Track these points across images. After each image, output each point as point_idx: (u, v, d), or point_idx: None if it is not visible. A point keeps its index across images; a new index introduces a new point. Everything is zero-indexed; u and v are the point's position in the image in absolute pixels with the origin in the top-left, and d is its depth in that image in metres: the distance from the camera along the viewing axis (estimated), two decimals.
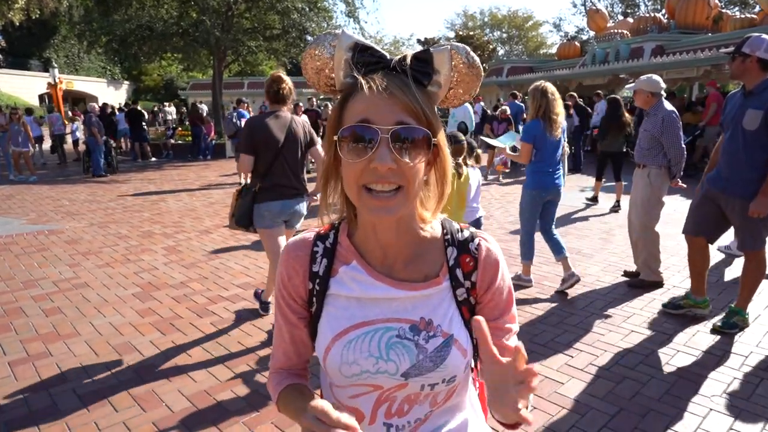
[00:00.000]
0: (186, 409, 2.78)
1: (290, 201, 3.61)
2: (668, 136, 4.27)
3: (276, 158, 3.51)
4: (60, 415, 2.73)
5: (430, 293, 0.90)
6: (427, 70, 0.82)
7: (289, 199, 3.60)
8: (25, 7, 20.08)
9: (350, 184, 0.82)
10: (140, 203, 8.84)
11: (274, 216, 3.57)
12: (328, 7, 18.05)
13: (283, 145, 3.52)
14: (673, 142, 4.27)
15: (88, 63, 39.44)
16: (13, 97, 27.90)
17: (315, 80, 0.88)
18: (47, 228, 7.00)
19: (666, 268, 5.03)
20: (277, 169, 3.53)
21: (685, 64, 12.86)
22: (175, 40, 17.11)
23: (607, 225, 6.84)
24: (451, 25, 53.10)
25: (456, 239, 0.94)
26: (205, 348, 3.50)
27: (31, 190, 10.28)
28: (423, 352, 0.88)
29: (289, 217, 3.67)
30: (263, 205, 3.54)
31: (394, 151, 0.78)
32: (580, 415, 2.67)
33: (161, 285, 4.73)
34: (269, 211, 3.54)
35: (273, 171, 3.53)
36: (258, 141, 3.46)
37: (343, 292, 0.91)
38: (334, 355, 0.89)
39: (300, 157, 3.65)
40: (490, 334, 0.92)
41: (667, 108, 4.31)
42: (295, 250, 0.95)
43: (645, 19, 17.99)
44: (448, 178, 0.89)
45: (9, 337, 3.67)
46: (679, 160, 4.32)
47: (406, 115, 0.79)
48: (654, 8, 34.80)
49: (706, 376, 3.04)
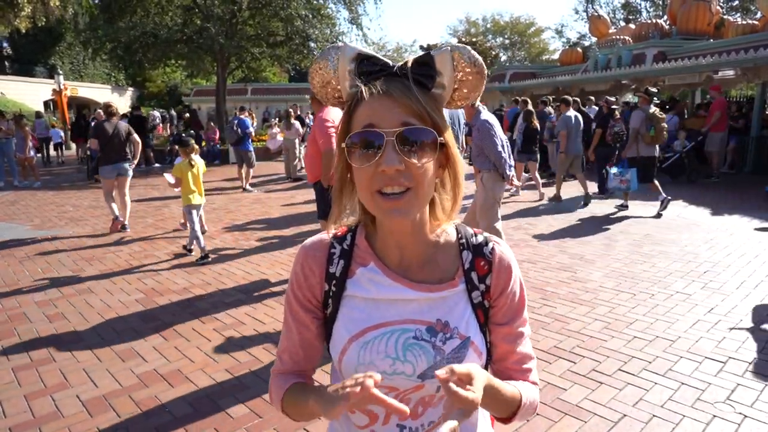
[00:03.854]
0: (188, 414, 2.78)
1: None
2: (486, 142, 4.79)
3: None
4: (63, 420, 2.73)
5: (446, 295, 0.91)
6: (429, 72, 0.83)
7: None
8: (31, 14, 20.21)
9: (364, 191, 0.83)
10: (143, 209, 8.87)
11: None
12: (332, 14, 18.11)
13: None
14: (489, 146, 4.78)
15: (93, 70, 39.61)
16: (18, 104, 28.06)
17: (323, 93, 0.90)
18: (51, 233, 7.03)
19: (669, 273, 5.02)
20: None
21: (686, 70, 12.84)
22: (179, 47, 17.19)
23: (609, 231, 6.83)
24: (453, 31, 53.14)
25: (471, 243, 0.95)
26: (207, 353, 3.50)
27: (35, 196, 10.33)
28: (440, 353, 0.88)
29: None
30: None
31: (400, 153, 0.79)
32: (583, 422, 2.67)
33: (164, 290, 4.74)
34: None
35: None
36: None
37: (360, 293, 0.92)
38: (351, 356, 0.90)
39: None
40: (504, 338, 0.96)
41: (481, 118, 4.81)
42: (313, 250, 0.96)
43: (647, 25, 17.99)
44: (460, 180, 0.90)
45: (13, 343, 3.68)
46: (499, 162, 4.80)
47: (410, 116, 0.80)
48: (656, 14, 34.85)
49: (709, 383, 3.03)
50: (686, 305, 4.23)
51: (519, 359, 0.97)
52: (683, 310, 4.12)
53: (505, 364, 0.97)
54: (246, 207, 9.00)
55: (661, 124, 7.62)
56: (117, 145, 6.92)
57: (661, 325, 3.87)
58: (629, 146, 7.94)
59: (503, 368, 0.98)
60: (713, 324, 3.86)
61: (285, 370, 1.01)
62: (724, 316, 4.00)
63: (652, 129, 7.57)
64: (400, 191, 0.81)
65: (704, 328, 3.78)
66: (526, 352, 0.98)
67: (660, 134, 7.66)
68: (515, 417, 0.93)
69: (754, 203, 8.50)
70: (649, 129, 7.59)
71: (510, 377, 0.97)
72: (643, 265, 5.31)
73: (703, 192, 9.73)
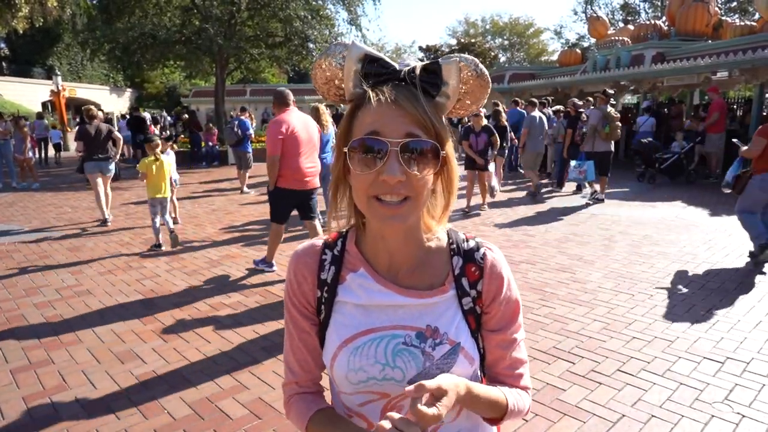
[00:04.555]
0: (188, 416, 2.78)
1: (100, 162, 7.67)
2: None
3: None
4: (62, 422, 2.73)
5: (436, 301, 0.91)
6: (435, 81, 0.83)
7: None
8: (28, 15, 20.18)
9: (359, 195, 0.83)
10: (143, 210, 8.86)
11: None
12: (331, 15, 18.14)
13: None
14: None
15: (91, 71, 39.56)
16: (16, 105, 28.02)
17: (324, 90, 0.89)
18: (50, 235, 7.02)
19: (668, 274, 5.03)
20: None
21: (685, 70, 12.85)
22: (177, 48, 17.20)
23: (608, 232, 6.83)
24: (452, 32, 53.23)
25: (461, 249, 0.95)
26: (207, 355, 3.50)
27: (33, 197, 10.31)
28: (429, 359, 0.88)
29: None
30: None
31: (403, 164, 0.79)
32: (582, 422, 2.67)
33: (163, 292, 4.74)
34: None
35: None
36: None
37: (350, 299, 0.92)
38: (341, 362, 0.90)
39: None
40: (497, 345, 0.96)
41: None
42: (304, 257, 0.96)
43: (645, 26, 18.02)
44: (454, 187, 0.90)
45: (11, 345, 3.68)
46: None
47: (415, 127, 0.80)
48: (654, 15, 34.90)
49: (707, 383, 3.04)
50: (684, 306, 4.24)
51: (510, 364, 0.96)
52: (681, 311, 4.13)
53: (496, 369, 0.97)
54: (245, 208, 9.00)
55: (615, 123, 8.43)
56: (99, 144, 7.76)
57: (659, 325, 3.87)
58: (587, 141, 8.82)
59: (494, 373, 0.98)
60: (711, 324, 3.86)
61: (299, 382, 1.00)
62: (722, 316, 4.01)
63: (607, 126, 8.43)
64: (399, 200, 0.81)
65: (702, 329, 3.79)
66: (519, 357, 0.97)
67: (614, 131, 8.47)
68: (503, 420, 0.93)
69: None
70: (605, 126, 8.44)
71: (501, 382, 0.97)
72: (642, 266, 5.32)
73: (701, 193, 9.75)
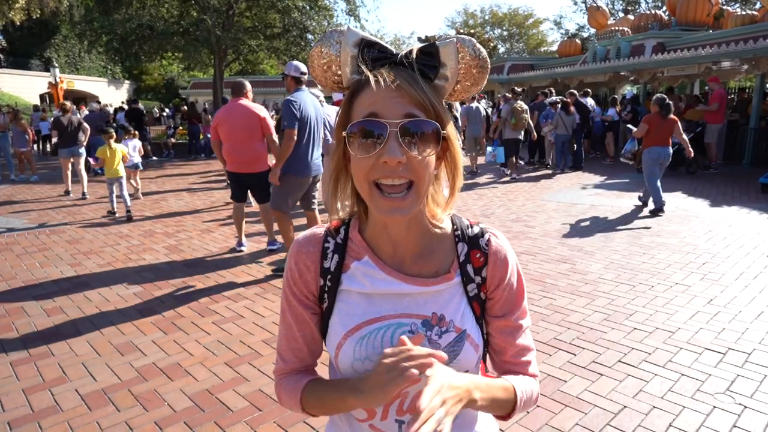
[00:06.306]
0: (188, 408, 2.78)
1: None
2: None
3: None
4: (62, 414, 2.72)
5: (441, 289, 0.90)
6: (433, 63, 0.82)
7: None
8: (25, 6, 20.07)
9: (360, 181, 0.82)
10: (141, 202, 8.84)
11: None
12: (329, 6, 18.04)
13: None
14: None
15: (89, 62, 39.40)
16: (14, 97, 27.91)
17: (322, 78, 0.87)
18: (49, 227, 7.00)
19: (668, 265, 5.03)
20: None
21: (686, 61, 12.79)
22: (175, 39, 17.10)
23: (609, 223, 6.82)
24: (451, 23, 52.95)
25: (466, 235, 0.94)
26: (207, 347, 3.49)
27: (32, 190, 10.29)
28: (436, 347, 0.87)
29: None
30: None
31: (403, 145, 0.77)
32: (583, 413, 2.67)
33: (163, 284, 4.73)
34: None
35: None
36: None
37: (354, 287, 0.91)
38: (347, 352, 0.89)
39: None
40: (501, 331, 0.94)
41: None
42: (306, 245, 0.94)
43: (646, 16, 17.91)
44: (459, 171, 0.88)
45: (11, 337, 3.67)
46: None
47: (414, 108, 0.79)
48: (655, 5, 34.69)
49: (709, 374, 3.03)
50: (685, 296, 4.24)
51: (517, 352, 0.95)
52: (683, 302, 4.13)
53: (503, 357, 0.96)
54: None
55: (521, 116, 10.26)
56: (71, 133, 9.21)
57: (660, 316, 3.87)
58: (499, 130, 10.75)
59: (501, 361, 0.97)
60: (713, 315, 3.86)
61: (290, 369, 0.98)
62: (724, 307, 4.01)
63: (513, 118, 10.29)
64: (401, 184, 0.79)
65: (704, 320, 3.79)
66: (525, 344, 0.96)
67: (519, 122, 10.29)
68: (513, 413, 0.92)
69: (752, 194, 8.51)
70: (512, 118, 10.31)
71: (508, 370, 0.96)
72: (643, 257, 5.31)
73: (701, 183, 9.73)
